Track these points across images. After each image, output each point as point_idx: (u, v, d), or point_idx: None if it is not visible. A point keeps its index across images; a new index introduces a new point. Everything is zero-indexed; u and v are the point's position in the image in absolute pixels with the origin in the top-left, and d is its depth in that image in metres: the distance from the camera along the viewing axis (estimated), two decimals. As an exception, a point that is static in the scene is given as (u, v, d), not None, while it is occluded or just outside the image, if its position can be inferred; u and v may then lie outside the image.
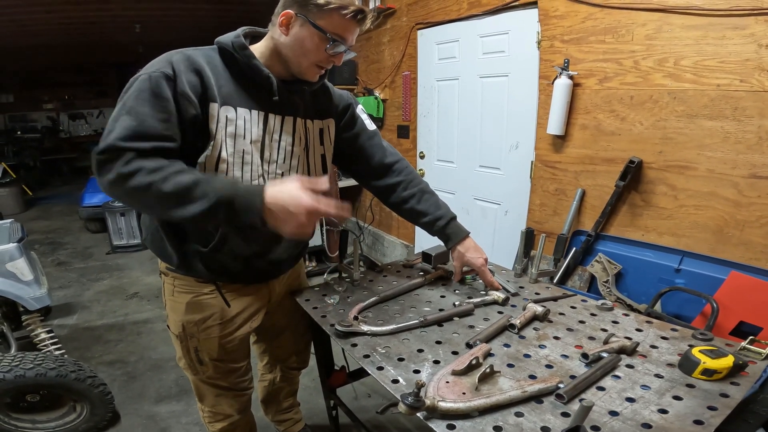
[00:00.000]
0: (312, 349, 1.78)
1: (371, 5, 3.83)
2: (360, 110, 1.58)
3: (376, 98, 4.06)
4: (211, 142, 1.18)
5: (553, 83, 2.42)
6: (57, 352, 2.37)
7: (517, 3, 2.66)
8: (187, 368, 1.49)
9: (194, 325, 1.39)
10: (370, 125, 1.60)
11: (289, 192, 1.08)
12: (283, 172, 1.33)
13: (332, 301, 1.51)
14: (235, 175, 1.22)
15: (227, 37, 1.23)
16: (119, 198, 1.11)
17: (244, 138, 1.22)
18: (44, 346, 2.40)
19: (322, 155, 1.46)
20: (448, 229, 1.60)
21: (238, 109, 1.21)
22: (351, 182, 4.26)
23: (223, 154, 1.19)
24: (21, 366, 1.92)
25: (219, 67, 1.21)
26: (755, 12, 1.73)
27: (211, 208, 1.07)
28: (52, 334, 2.47)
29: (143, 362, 2.91)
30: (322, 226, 4.27)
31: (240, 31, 1.25)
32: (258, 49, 1.26)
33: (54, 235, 6.14)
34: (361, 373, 1.80)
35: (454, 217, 1.63)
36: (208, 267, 1.33)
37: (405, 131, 3.90)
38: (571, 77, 2.35)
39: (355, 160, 1.60)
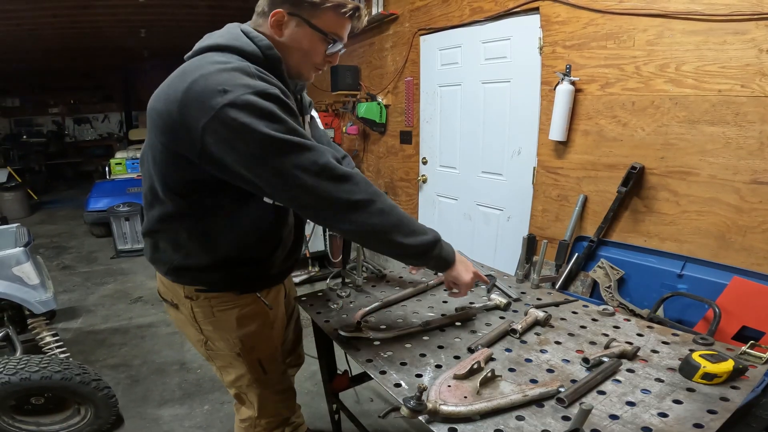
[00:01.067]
0: (315, 354, 1.78)
1: (374, 11, 3.86)
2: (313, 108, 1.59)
3: (378, 104, 4.08)
4: None
5: (555, 89, 2.43)
6: (62, 356, 2.38)
7: (519, 9, 2.68)
8: (252, 384, 1.41)
9: (252, 336, 1.35)
10: (320, 125, 1.62)
11: (459, 253, 1.32)
12: None
13: (335, 306, 1.53)
14: None
15: (247, 45, 1.11)
16: (353, 222, 1.08)
17: None
18: (49, 349, 2.41)
19: None
20: None
21: None
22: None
23: None
24: (26, 369, 1.93)
25: None
26: (755, 17, 1.74)
27: (430, 244, 1.18)
28: (57, 338, 2.48)
29: (147, 366, 2.92)
30: (325, 231, 4.28)
31: (256, 33, 1.14)
32: None
33: (59, 239, 6.18)
34: (363, 377, 1.80)
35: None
36: (249, 280, 1.32)
37: (408, 137, 3.91)
38: (572, 83, 2.36)
39: None
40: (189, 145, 1.02)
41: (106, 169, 6.50)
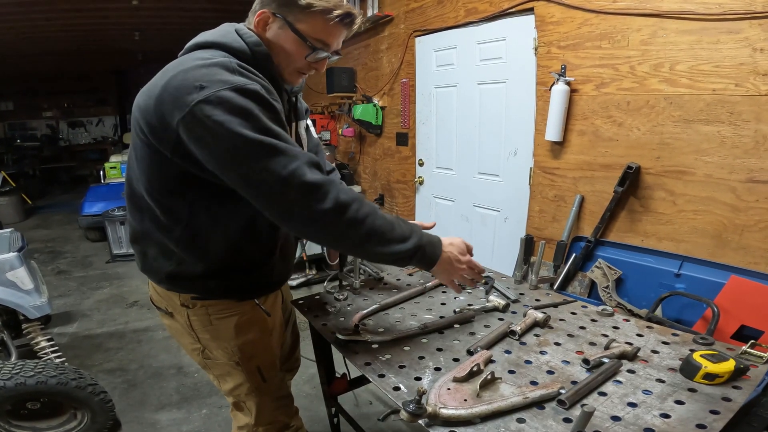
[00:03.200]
0: (313, 357, 1.78)
1: (369, 12, 3.86)
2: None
3: (374, 105, 4.07)
4: None
5: (550, 89, 2.43)
6: (57, 360, 2.36)
7: (513, 9, 2.68)
8: (251, 392, 1.38)
9: (251, 344, 1.32)
10: (315, 134, 1.57)
11: (458, 246, 1.24)
12: None
13: (333, 309, 1.52)
14: None
15: (235, 41, 1.09)
16: (323, 231, 1.04)
17: None
18: (44, 354, 2.39)
19: None
20: None
21: None
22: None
23: None
24: (22, 374, 1.91)
25: None
26: (749, 16, 1.75)
27: (410, 251, 1.11)
28: (52, 342, 2.46)
29: (144, 370, 2.90)
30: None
31: (249, 32, 1.12)
32: None
33: (54, 244, 6.13)
34: (362, 380, 1.80)
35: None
36: (247, 288, 1.29)
37: (404, 138, 3.91)
38: (568, 83, 2.37)
39: None
40: (165, 141, 1.01)
41: (101, 172, 6.46)
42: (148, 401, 2.57)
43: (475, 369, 1.06)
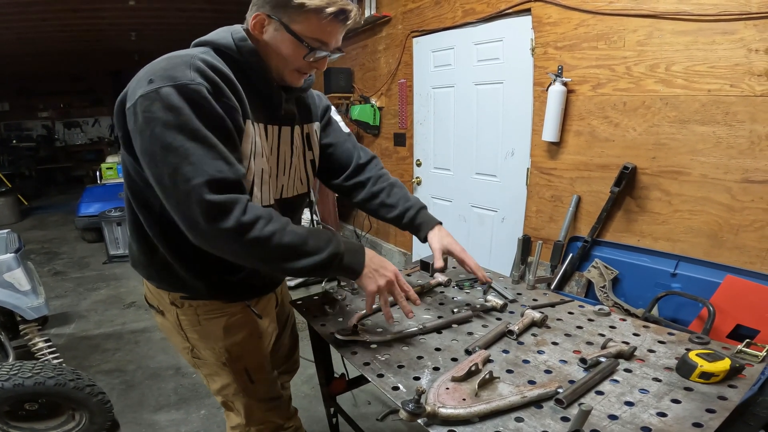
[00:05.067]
0: (311, 357, 1.78)
1: (367, 13, 3.86)
2: (334, 112, 1.53)
3: (372, 106, 4.08)
4: (245, 164, 1.08)
5: (547, 90, 2.44)
6: (55, 361, 2.36)
7: (510, 10, 2.69)
8: (239, 393, 1.37)
9: (239, 345, 1.31)
10: (345, 128, 1.54)
11: (381, 258, 1.20)
12: (283, 185, 1.31)
13: (331, 309, 1.52)
14: (256, 196, 1.16)
15: (224, 38, 1.09)
16: (226, 248, 1.01)
17: (262, 156, 1.16)
18: (42, 355, 2.39)
19: (312, 160, 1.40)
20: (418, 218, 1.49)
21: (255, 124, 1.12)
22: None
23: (254, 177, 1.13)
24: (19, 375, 1.91)
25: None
26: (744, 17, 1.76)
27: (324, 262, 1.08)
28: (49, 344, 2.46)
29: (142, 371, 2.90)
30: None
31: (240, 29, 1.12)
32: None
33: (50, 245, 6.11)
34: (360, 380, 1.80)
35: (424, 207, 1.53)
36: (235, 289, 1.27)
37: (401, 139, 3.92)
38: (564, 84, 2.38)
39: (330, 161, 1.51)
40: (121, 129, 1.04)
41: (97, 173, 6.45)
42: (146, 402, 2.57)
43: (473, 368, 1.06)
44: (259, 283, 1.35)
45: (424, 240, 1.49)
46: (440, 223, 1.51)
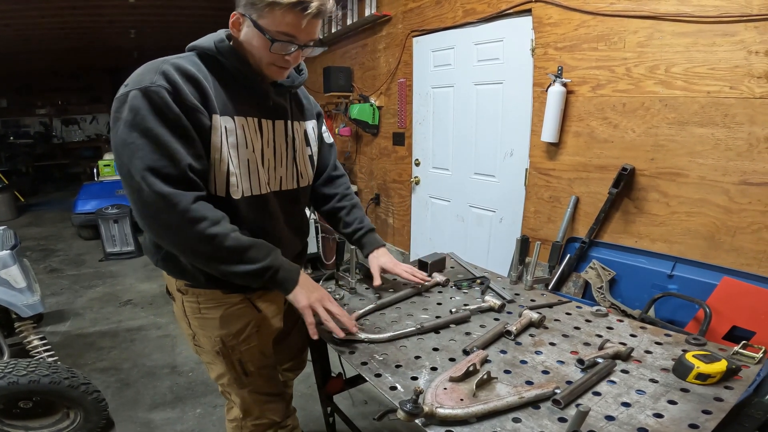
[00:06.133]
0: (309, 356, 1.77)
1: (367, 12, 3.86)
2: (323, 121, 1.61)
3: (371, 105, 4.08)
4: (218, 156, 1.14)
5: (546, 90, 2.44)
6: (50, 359, 2.35)
7: (511, 11, 2.69)
8: (233, 383, 1.41)
9: (233, 337, 1.34)
10: (329, 138, 1.64)
11: (315, 284, 1.29)
12: (281, 177, 1.34)
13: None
14: (244, 187, 1.21)
15: (207, 42, 1.18)
16: (167, 240, 1.12)
17: (246, 147, 1.21)
18: (37, 353, 2.38)
19: (310, 156, 1.46)
20: (365, 238, 1.66)
21: (236, 118, 1.18)
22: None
23: (231, 167, 1.17)
24: (14, 373, 1.90)
25: (207, 74, 1.15)
26: (744, 19, 1.76)
27: (258, 272, 1.16)
28: (44, 341, 2.45)
29: (137, 369, 2.89)
30: (318, 233, 4.26)
31: (222, 33, 1.20)
32: None
33: (46, 241, 6.09)
34: (357, 380, 1.79)
35: (372, 229, 1.69)
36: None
37: (400, 138, 3.91)
38: (564, 84, 2.38)
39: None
40: None
41: (95, 170, 6.42)
42: (141, 400, 2.56)
43: (471, 369, 1.06)
44: None
45: (366, 257, 1.68)
46: (383, 245, 1.68)
